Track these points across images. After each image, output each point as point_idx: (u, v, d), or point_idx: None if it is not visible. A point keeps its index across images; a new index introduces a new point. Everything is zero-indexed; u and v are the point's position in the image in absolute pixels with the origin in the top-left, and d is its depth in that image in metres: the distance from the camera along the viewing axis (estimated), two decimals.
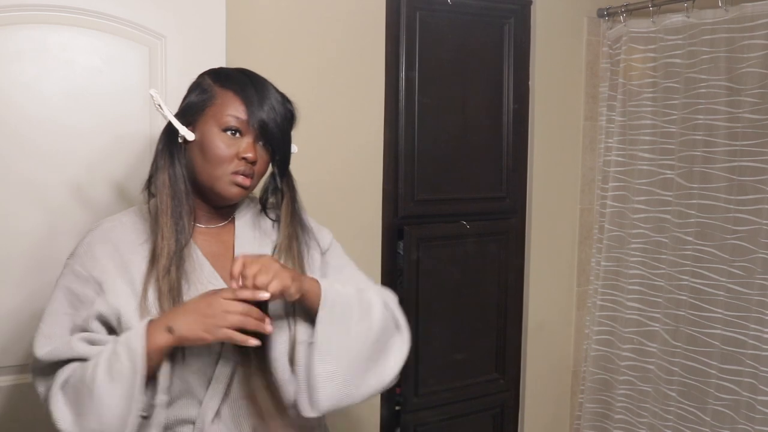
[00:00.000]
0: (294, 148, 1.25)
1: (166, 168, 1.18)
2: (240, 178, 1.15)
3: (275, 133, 1.16)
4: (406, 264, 2.33)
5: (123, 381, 1.04)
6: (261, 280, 1.05)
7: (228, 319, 1.05)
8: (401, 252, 2.34)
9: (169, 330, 1.06)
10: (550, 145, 2.59)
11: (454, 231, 2.43)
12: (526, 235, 2.60)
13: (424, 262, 2.36)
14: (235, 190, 1.17)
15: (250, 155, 1.14)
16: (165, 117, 1.19)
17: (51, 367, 1.14)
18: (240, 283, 1.06)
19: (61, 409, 1.09)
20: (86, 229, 1.24)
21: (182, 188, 1.18)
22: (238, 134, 1.16)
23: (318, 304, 1.14)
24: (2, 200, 1.54)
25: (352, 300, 1.19)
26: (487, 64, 2.44)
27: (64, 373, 1.12)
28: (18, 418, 1.61)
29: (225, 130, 1.15)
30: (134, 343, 1.05)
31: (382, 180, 2.26)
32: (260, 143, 1.17)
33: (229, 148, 1.15)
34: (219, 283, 1.18)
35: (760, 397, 2.09)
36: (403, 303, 2.31)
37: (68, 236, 1.58)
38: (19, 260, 1.56)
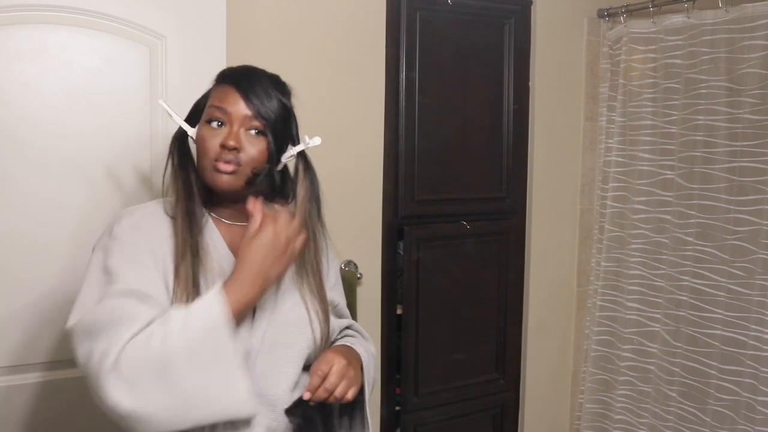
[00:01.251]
0: (317, 140, 1.25)
1: (174, 169, 1.23)
2: (221, 165, 1.16)
3: (258, 118, 1.17)
4: (406, 264, 2.33)
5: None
6: (340, 391, 1.15)
7: None
8: (401, 252, 2.34)
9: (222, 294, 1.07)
10: (550, 145, 2.59)
11: (454, 231, 2.43)
12: (526, 235, 2.60)
13: (424, 262, 2.36)
14: (219, 178, 1.17)
15: (230, 143, 1.15)
16: (176, 122, 1.24)
17: (89, 337, 1.04)
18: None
19: (119, 393, 0.99)
20: (114, 215, 1.22)
21: (192, 187, 1.21)
22: (222, 125, 1.17)
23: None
24: (3, 201, 1.53)
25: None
26: (487, 64, 2.44)
27: (113, 344, 1.01)
28: (16, 419, 1.61)
29: (209, 121, 1.18)
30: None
31: (382, 180, 2.26)
32: (252, 131, 1.18)
33: (213, 138, 1.17)
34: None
35: (760, 398, 2.09)
36: (404, 303, 2.33)
37: (68, 235, 1.59)
38: (19, 260, 1.56)
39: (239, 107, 1.17)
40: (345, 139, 2.17)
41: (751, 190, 2.14)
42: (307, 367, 1.23)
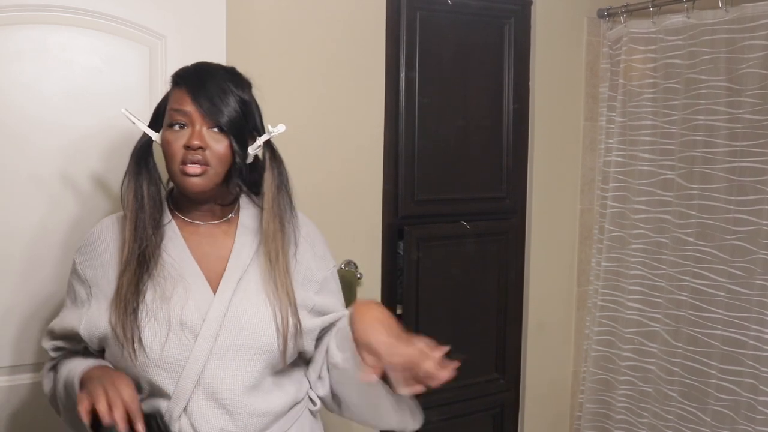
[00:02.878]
0: (281, 128, 1.24)
1: (130, 177, 1.24)
2: (188, 168, 1.16)
3: (217, 110, 1.16)
4: (406, 264, 2.33)
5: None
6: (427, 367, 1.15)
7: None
8: (401, 252, 2.34)
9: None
10: (550, 145, 2.59)
11: (454, 231, 2.43)
12: (526, 235, 2.60)
13: (424, 262, 2.36)
14: (189, 181, 1.17)
15: (194, 142, 1.15)
16: (139, 128, 1.25)
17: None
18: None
19: (46, 385, 1.31)
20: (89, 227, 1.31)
21: (145, 196, 1.22)
22: (185, 126, 1.17)
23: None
24: (2, 201, 1.53)
25: None
26: (487, 64, 2.44)
27: (54, 359, 1.30)
28: (14, 419, 1.61)
29: (171, 125, 1.18)
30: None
31: (382, 180, 2.26)
32: (215, 129, 1.17)
33: (177, 141, 1.17)
34: (200, 281, 1.21)
35: (760, 398, 2.09)
36: (404, 303, 2.33)
37: (67, 237, 1.59)
38: (17, 260, 1.56)
39: (197, 105, 1.16)
40: (345, 139, 2.17)
41: (751, 190, 2.14)
42: (280, 371, 1.24)
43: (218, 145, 1.17)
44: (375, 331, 1.16)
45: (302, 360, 1.31)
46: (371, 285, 2.27)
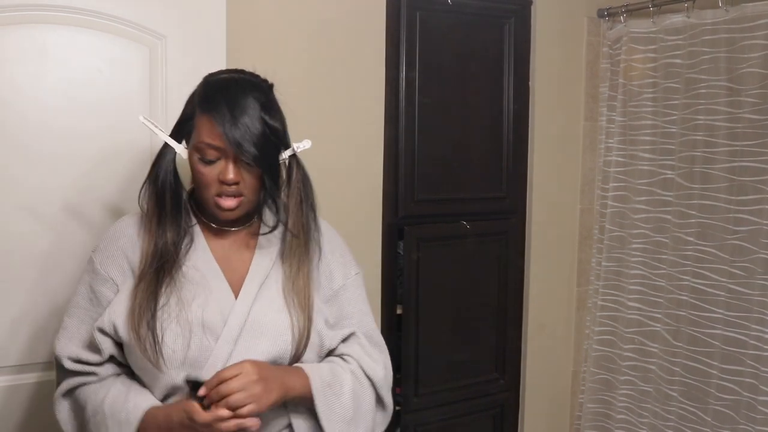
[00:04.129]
0: (307, 144, 1.25)
1: (151, 183, 1.23)
2: (221, 200, 1.18)
3: (251, 152, 1.14)
4: (406, 264, 2.33)
5: None
6: (235, 399, 1.08)
7: None
8: (401, 252, 2.34)
9: None
10: (550, 145, 2.59)
11: (454, 231, 2.43)
12: (526, 235, 2.60)
13: (424, 262, 2.36)
14: (220, 212, 1.19)
15: (229, 177, 1.15)
16: (161, 138, 1.22)
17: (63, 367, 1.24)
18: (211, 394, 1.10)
19: (64, 417, 1.25)
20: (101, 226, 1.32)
21: (167, 204, 1.21)
22: (217, 159, 1.16)
23: (308, 394, 1.18)
24: (2, 201, 1.53)
25: (335, 382, 1.22)
26: (487, 64, 2.44)
27: (70, 382, 1.23)
28: (16, 418, 1.61)
29: (202, 159, 1.17)
30: None
31: (382, 180, 2.26)
32: (244, 162, 1.16)
33: (210, 172, 1.17)
34: (223, 286, 1.21)
35: (761, 398, 2.09)
36: (403, 303, 2.33)
37: (67, 238, 1.59)
38: (18, 262, 1.56)
39: (230, 142, 1.13)
40: (345, 139, 2.17)
41: (751, 190, 2.14)
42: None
43: (252, 176, 1.17)
44: None
45: None
46: (371, 285, 2.27)
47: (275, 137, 1.18)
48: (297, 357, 1.22)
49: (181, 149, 1.21)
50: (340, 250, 1.36)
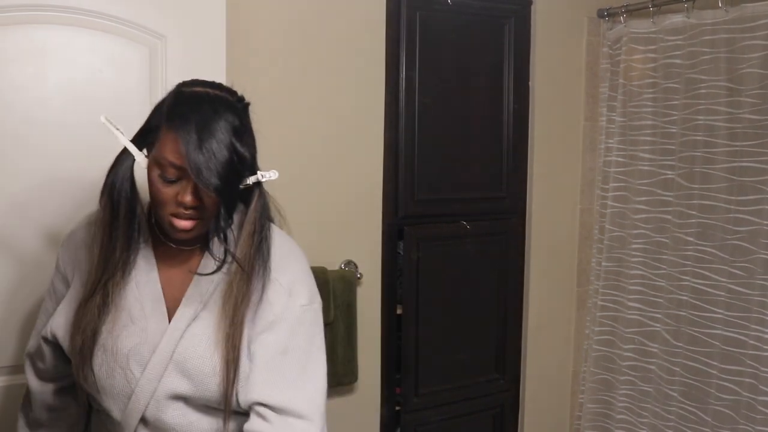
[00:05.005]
0: (273, 174, 1.12)
1: (106, 191, 1.14)
2: (176, 221, 1.08)
3: (212, 182, 1.02)
4: (406, 264, 2.33)
5: None
6: None
7: None
8: (401, 252, 2.34)
9: None
10: (550, 145, 2.59)
11: (454, 231, 2.43)
12: (526, 235, 2.60)
13: (424, 262, 2.36)
14: (175, 233, 1.10)
15: (187, 200, 1.06)
16: (120, 142, 1.13)
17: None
18: None
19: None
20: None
21: (123, 216, 1.13)
22: (178, 180, 1.07)
23: None
24: (2, 201, 1.53)
25: None
26: (487, 64, 2.44)
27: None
28: (3, 421, 1.61)
29: (162, 176, 1.07)
30: None
31: (382, 180, 2.26)
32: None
33: (168, 191, 1.07)
34: (160, 311, 1.15)
35: (760, 398, 2.09)
36: (403, 303, 2.33)
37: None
38: (18, 260, 1.56)
39: (192, 166, 1.02)
40: (345, 139, 2.17)
41: (751, 190, 2.14)
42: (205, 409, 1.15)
43: (211, 200, 1.07)
44: None
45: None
46: (371, 285, 2.27)
47: (241, 165, 1.07)
48: (227, 400, 1.11)
49: (141, 158, 1.11)
50: (293, 275, 1.19)
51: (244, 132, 1.08)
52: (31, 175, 1.55)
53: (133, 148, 1.11)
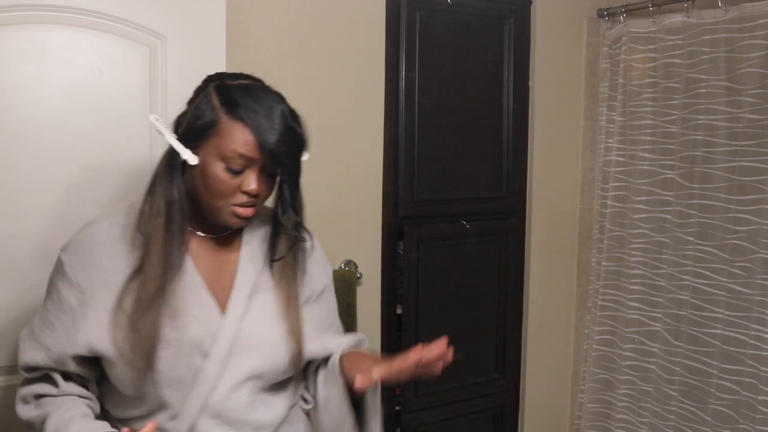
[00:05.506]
0: (304, 156, 1.19)
1: (163, 194, 1.13)
2: (241, 210, 1.12)
3: (286, 163, 1.11)
4: (406, 264, 2.33)
5: None
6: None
7: None
8: (401, 252, 2.34)
9: None
10: (550, 145, 2.59)
11: (454, 231, 2.43)
12: (526, 235, 2.60)
13: (424, 262, 2.36)
14: (235, 221, 1.14)
15: (253, 188, 1.10)
16: (167, 141, 1.14)
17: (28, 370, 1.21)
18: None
19: (25, 414, 1.21)
20: (81, 226, 1.22)
21: (178, 218, 1.13)
22: (244, 169, 1.11)
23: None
24: (3, 201, 1.53)
25: None
26: (487, 64, 2.44)
27: (37, 389, 1.19)
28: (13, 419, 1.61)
29: (229, 168, 1.09)
30: None
31: (382, 180, 2.26)
32: (266, 171, 1.13)
33: (232, 181, 1.10)
34: (207, 298, 1.17)
35: (760, 397, 2.09)
36: (403, 303, 2.33)
37: (67, 235, 1.58)
38: (18, 260, 1.56)
39: (266, 153, 1.08)
40: (345, 139, 2.17)
41: (751, 190, 2.14)
42: (269, 387, 1.21)
43: (268, 186, 1.14)
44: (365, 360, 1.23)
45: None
46: (371, 285, 2.27)
47: (303, 147, 1.15)
48: (293, 369, 1.20)
49: (189, 156, 1.11)
50: (319, 248, 1.32)
51: (296, 115, 1.15)
52: (30, 175, 1.55)
53: (182, 148, 1.12)
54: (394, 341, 2.35)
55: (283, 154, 1.09)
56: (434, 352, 1.21)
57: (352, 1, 2.13)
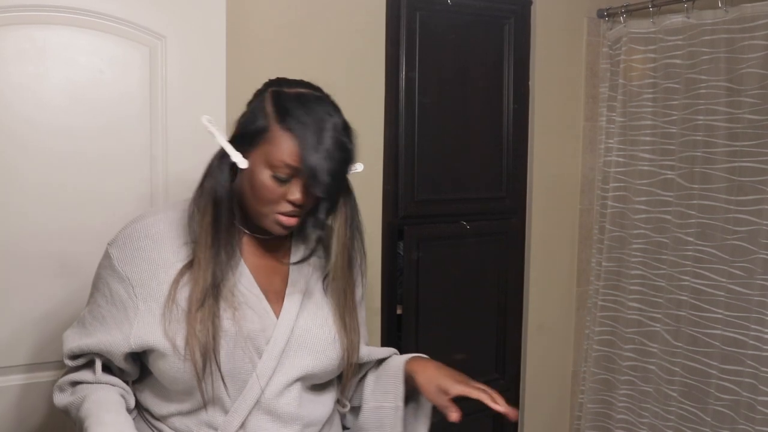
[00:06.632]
0: (359, 167, 1.20)
1: (211, 193, 1.15)
2: (284, 219, 1.13)
3: (325, 181, 1.09)
4: (406, 264, 2.33)
5: None
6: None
7: None
8: (401, 252, 2.34)
9: None
10: (550, 146, 2.59)
11: (454, 231, 2.43)
12: (526, 235, 2.60)
13: (424, 262, 2.36)
14: (278, 229, 1.15)
15: (298, 199, 1.12)
16: (218, 143, 1.15)
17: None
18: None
19: (61, 401, 1.22)
20: (131, 217, 1.24)
21: (225, 218, 1.15)
22: (290, 178, 1.12)
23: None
24: (3, 201, 1.54)
25: None
26: (487, 65, 2.44)
27: (75, 376, 1.21)
28: (20, 419, 1.61)
29: (275, 176, 1.11)
30: None
31: (382, 180, 2.26)
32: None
33: (278, 189, 1.11)
34: (258, 294, 1.18)
35: (760, 398, 2.09)
36: (404, 303, 2.33)
37: (69, 236, 1.59)
38: (21, 261, 1.56)
39: (308, 167, 1.09)
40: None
41: (750, 190, 2.14)
42: (314, 387, 1.25)
43: (313, 197, 1.13)
44: (443, 375, 1.28)
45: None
46: (371, 285, 2.27)
47: (350, 162, 1.15)
48: (342, 369, 1.24)
49: (239, 159, 1.12)
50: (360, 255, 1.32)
51: (349, 129, 1.15)
52: (31, 175, 1.55)
53: (232, 150, 1.13)
54: (394, 341, 2.35)
55: (323, 172, 1.09)
56: (504, 410, 1.31)
57: (352, 1, 2.13)
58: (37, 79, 1.54)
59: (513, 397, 2.65)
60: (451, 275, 2.44)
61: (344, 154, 1.12)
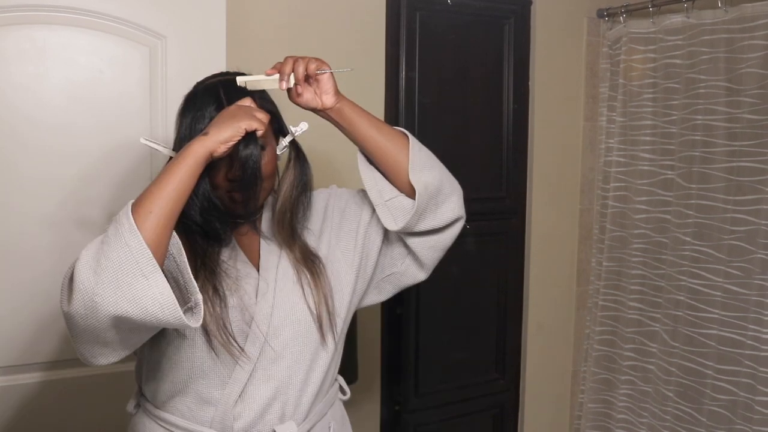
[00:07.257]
0: (304, 126, 1.30)
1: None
2: (233, 195, 1.20)
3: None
4: None
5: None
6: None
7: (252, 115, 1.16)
8: None
9: (205, 134, 1.11)
10: (550, 145, 2.59)
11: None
12: (526, 235, 2.60)
13: None
14: (236, 207, 1.21)
15: (229, 174, 1.18)
16: (164, 154, 1.23)
17: None
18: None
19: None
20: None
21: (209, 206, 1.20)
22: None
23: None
24: (3, 201, 1.54)
25: None
26: (487, 65, 2.45)
27: None
28: (16, 419, 1.61)
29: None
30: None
31: None
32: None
33: (217, 174, 1.19)
34: (251, 271, 1.23)
35: (758, 398, 2.09)
36: (404, 303, 2.33)
37: (68, 236, 1.59)
38: (20, 260, 1.56)
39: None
40: (345, 139, 2.17)
41: (749, 190, 2.14)
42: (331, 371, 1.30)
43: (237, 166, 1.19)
44: None
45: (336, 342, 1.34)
46: None
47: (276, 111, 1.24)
48: (323, 337, 1.25)
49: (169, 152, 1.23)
50: (317, 196, 1.41)
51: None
52: (31, 175, 1.56)
53: (172, 153, 1.22)
54: (394, 341, 2.35)
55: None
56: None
57: (352, 1, 2.14)
58: (37, 79, 1.55)
59: (513, 397, 2.66)
60: (451, 275, 2.44)
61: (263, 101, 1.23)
